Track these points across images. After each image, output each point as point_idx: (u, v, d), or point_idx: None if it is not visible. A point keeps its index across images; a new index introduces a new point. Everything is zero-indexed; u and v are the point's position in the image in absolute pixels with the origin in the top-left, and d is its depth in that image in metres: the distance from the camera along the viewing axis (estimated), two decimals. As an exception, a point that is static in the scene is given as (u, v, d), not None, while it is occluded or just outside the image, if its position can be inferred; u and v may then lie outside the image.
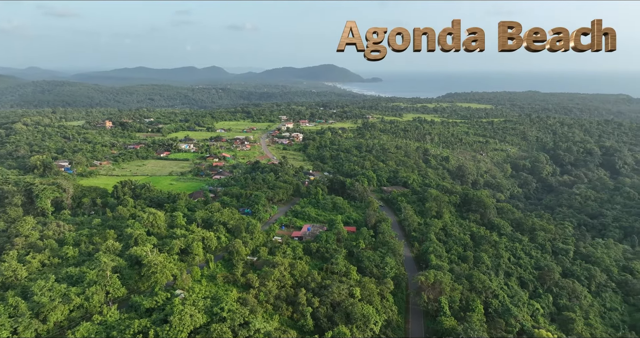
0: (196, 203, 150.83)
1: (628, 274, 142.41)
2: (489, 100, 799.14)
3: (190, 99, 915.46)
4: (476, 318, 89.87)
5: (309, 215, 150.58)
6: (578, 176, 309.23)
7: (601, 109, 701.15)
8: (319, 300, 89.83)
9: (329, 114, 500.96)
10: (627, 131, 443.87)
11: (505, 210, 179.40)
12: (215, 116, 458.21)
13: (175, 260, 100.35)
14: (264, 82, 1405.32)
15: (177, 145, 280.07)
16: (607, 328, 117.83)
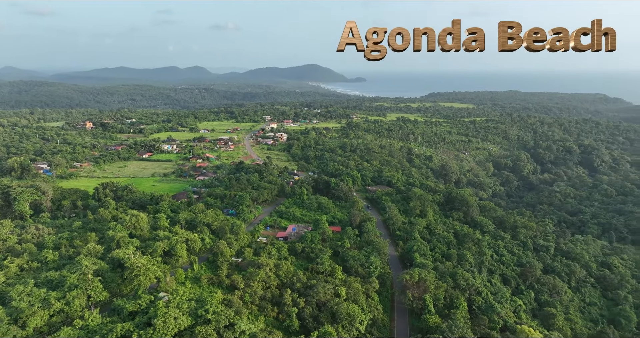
0: (180, 205, 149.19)
1: (606, 269, 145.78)
2: (471, 99, 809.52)
3: (172, 99, 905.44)
4: (460, 316, 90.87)
5: (294, 215, 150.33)
6: (558, 174, 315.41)
7: (579, 108, 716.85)
8: (304, 300, 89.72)
9: (313, 113, 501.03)
10: (604, 130, 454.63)
11: (488, 208, 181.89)
12: (199, 116, 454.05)
13: (158, 262, 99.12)
14: (248, 82, 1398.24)
15: (160, 146, 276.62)
16: (586, 322, 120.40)
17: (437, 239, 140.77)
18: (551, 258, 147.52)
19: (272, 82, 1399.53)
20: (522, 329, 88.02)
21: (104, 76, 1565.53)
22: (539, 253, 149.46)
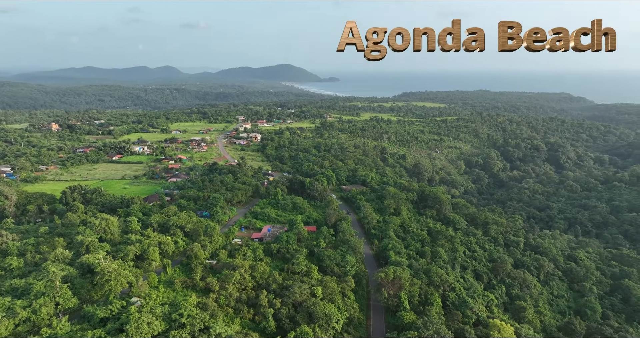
0: (151, 208, 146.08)
1: (572, 262, 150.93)
2: (443, 99, 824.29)
3: (143, 100, 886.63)
4: (435, 312, 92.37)
5: (269, 216, 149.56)
6: (526, 171, 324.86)
7: (546, 107, 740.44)
8: (280, 301, 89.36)
9: (287, 113, 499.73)
10: (569, 128, 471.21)
11: (460, 205, 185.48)
12: (170, 117, 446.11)
13: (130, 266, 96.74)
14: (220, 82, 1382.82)
15: (130, 148, 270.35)
16: (555, 314, 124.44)
17: (411, 237, 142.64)
18: (521, 253, 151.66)
19: (245, 82, 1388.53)
20: (494, 323, 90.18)
21: (71, 76, 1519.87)
22: (509, 248, 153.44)
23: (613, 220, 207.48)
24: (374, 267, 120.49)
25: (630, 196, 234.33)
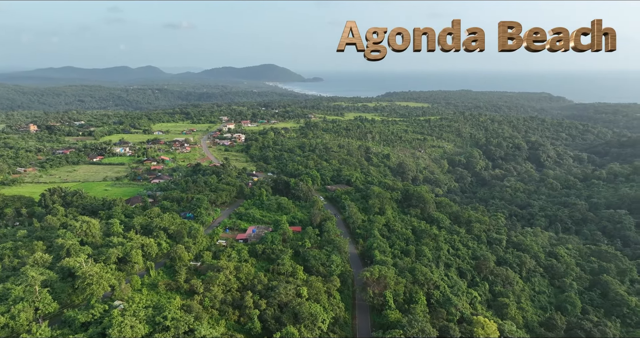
0: (134, 209, 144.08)
1: (553, 259, 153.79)
2: (426, 98, 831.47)
3: (124, 100, 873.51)
4: (419, 310, 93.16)
5: (254, 216, 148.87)
6: (508, 170, 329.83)
7: (527, 107, 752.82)
8: (266, 302, 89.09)
9: (271, 114, 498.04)
10: (549, 127, 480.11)
11: (444, 204, 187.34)
12: (152, 118, 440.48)
13: (112, 269, 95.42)
14: (203, 82, 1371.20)
15: (112, 149, 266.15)
16: (536, 310, 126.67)
17: (396, 236, 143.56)
18: (503, 250, 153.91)
19: (229, 82, 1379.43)
20: (478, 320, 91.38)
21: (49, 76, 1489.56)
22: (492, 246, 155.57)
23: (592, 217, 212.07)
24: (359, 266, 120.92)
25: (607, 193, 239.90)
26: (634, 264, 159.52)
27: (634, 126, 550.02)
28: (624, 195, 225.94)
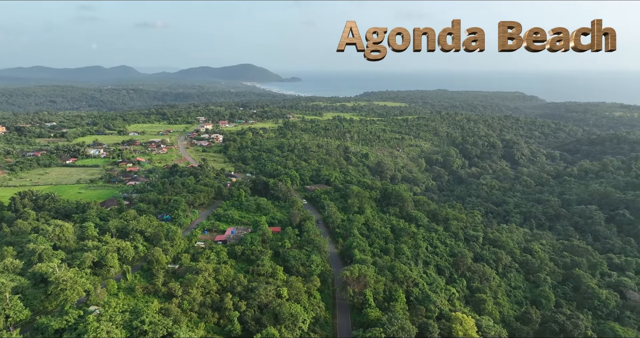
0: (109, 212, 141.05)
1: (528, 255, 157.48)
2: (403, 98, 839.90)
3: (98, 101, 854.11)
4: (399, 307, 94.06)
5: (233, 217, 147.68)
6: (484, 168, 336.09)
7: (501, 106, 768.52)
8: (246, 303, 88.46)
9: (249, 114, 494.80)
10: (523, 125, 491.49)
11: (422, 202, 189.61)
12: (127, 118, 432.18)
13: (87, 274, 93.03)
14: (180, 82, 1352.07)
15: (85, 151, 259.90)
16: (512, 305, 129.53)
17: (375, 235, 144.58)
18: (480, 247, 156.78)
19: (206, 82, 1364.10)
20: (456, 316, 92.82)
21: (18, 76, 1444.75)
22: (469, 243, 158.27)
23: (564, 213, 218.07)
24: (339, 265, 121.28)
25: (579, 190, 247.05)
26: (604, 258, 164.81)
27: (603, 124, 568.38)
28: (594, 192, 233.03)
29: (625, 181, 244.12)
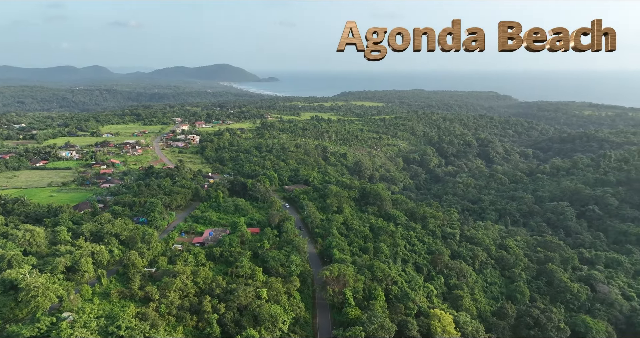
0: (83, 216, 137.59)
1: (503, 251, 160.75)
2: (380, 98, 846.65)
3: (69, 102, 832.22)
4: (378, 306, 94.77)
5: (210, 219, 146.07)
6: (460, 166, 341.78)
7: (476, 105, 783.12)
8: (225, 305, 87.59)
9: (227, 114, 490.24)
10: (497, 124, 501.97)
11: (400, 201, 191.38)
12: (101, 119, 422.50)
13: (60, 279, 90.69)
14: (154, 82, 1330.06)
15: (57, 153, 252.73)
16: (489, 300, 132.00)
17: (354, 234, 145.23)
18: (457, 244, 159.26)
19: (181, 82, 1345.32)
20: (435, 313, 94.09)
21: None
22: (446, 240, 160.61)
23: (537, 210, 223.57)
24: (319, 265, 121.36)
25: (551, 186, 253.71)
26: (575, 252, 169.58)
27: (573, 122, 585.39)
28: (565, 188, 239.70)
29: (594, 178, 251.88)
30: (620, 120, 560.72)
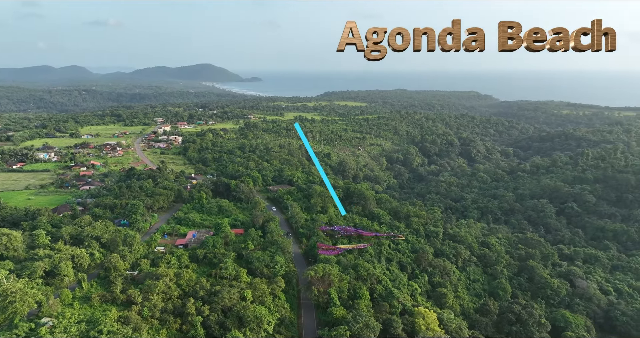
0: (62, 219, 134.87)
1: (486, 248, 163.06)
2: (364, 98, 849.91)
3: (47, 102, 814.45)
4: (363, 305, 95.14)
5: (194, 220, 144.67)
6: (442, 165, 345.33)
7: (457, 105, 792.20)
8: (209, 307, 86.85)
9: (209, 114, 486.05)
10: (478, 123, 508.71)
11: (384, 200, 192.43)
12: (80, 120, 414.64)
13: (39, 284, 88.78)
14: (135, 82, 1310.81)
15: (34, 155, 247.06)
16: (472, 297, 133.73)
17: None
18: (440, 242, 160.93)
19: (163, 83, 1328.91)
20: (419, 311, 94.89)
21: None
22: (430, 239, 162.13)
23: (518, 208, 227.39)
24: (304, 265, 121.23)
25: (531, 184, 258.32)
26: (555, 249, 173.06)
27: (552, 122, 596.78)
28: (545, 186, 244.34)
29: (572, 175, 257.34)
30: (596, 119, 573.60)
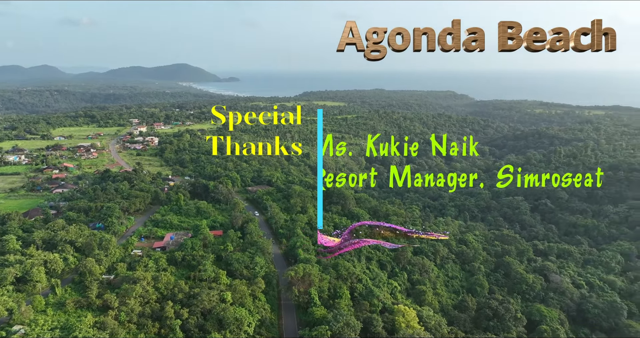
0: (34, 223, 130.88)
1: (463, 245, 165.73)
2: (342, 98, 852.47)
3: (16, 103, 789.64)
4: (344, 304, 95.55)
5: (171, 223, 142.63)
6: (420, 164, 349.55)
7: (434, 104, 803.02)
8: (188, 310, 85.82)
9: (186, 115, 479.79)
10: (455, 123, 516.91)
11: (363, 199, 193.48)
12: (52, 122, 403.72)
13: (9, 291, 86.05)
14: (109, 82, 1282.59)
15: (3, 157, 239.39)
16: (450, 294, 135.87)
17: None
18: (419, 240, 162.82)
19: (138, 83, 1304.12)
20: (399, 309, 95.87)
21: None
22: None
23: (495, 205, 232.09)
24: (284, 266, 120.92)
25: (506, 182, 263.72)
26: (530, 245, 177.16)
27: (526, 120, 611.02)
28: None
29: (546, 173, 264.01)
30: (568, 117, 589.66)
